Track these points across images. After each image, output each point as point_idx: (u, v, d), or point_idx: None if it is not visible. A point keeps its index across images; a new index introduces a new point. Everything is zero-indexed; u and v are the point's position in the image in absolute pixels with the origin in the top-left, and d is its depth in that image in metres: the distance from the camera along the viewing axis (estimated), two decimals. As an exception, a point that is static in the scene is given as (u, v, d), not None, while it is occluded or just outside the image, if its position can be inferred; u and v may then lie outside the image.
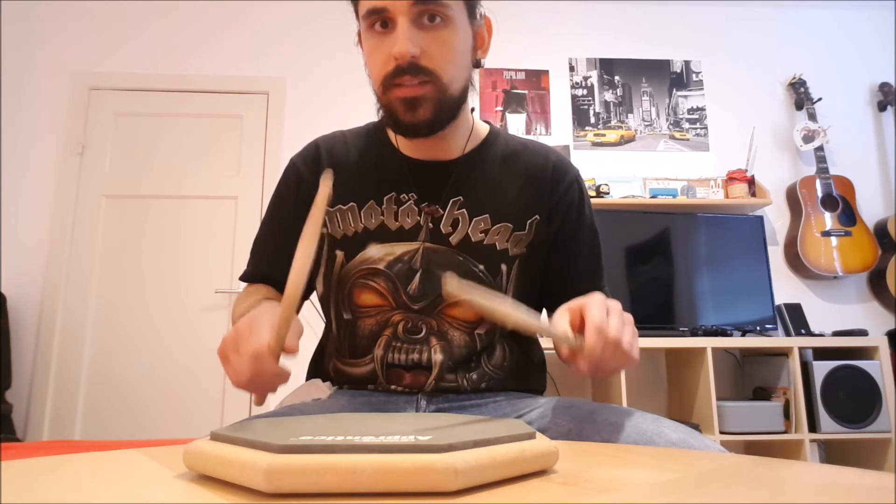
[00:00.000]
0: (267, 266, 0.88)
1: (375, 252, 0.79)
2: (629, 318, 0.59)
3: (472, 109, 0.84)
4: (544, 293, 0.86)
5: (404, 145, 0.83)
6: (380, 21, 0.72)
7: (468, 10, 0.76)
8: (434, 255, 0.79)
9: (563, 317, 0.57)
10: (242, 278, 0.89)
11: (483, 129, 0.87)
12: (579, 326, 0.56)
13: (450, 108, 0.76)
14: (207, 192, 2.70)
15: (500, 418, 0.48)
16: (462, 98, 0.77)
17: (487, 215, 0.80)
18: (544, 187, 0.83)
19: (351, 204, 0.81)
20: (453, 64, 0.74)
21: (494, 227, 0.80)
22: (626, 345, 0.55)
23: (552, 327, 0.56)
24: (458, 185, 0.81)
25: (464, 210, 0.80)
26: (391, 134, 0.84)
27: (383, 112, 0.77)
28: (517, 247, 0.81)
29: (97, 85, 2.75)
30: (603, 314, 0.55)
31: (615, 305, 0.58)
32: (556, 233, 0.84)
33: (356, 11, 0.77)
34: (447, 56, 0.73)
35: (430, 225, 0.79)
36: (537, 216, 0.82)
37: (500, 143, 0.86)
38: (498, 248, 0.80)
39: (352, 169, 0.84)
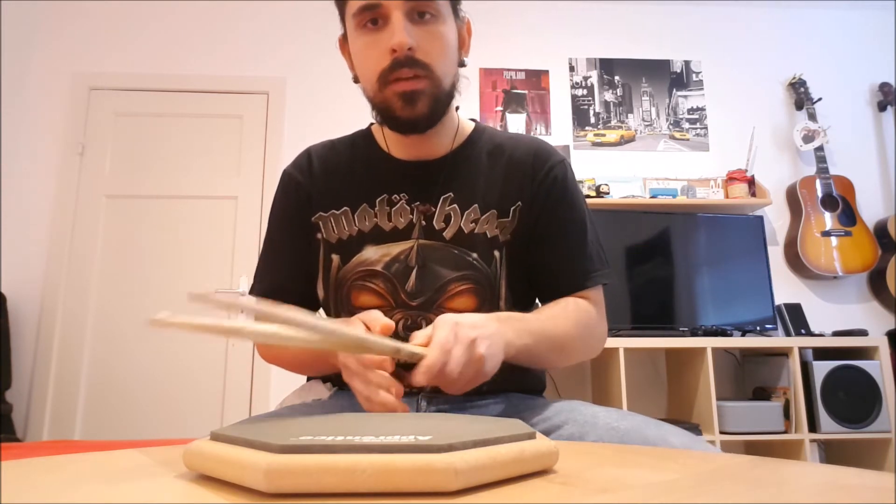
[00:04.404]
0: (281, 278, 0.86)
1: (372, 254, 0.80)
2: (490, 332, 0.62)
3: (457, 108, 0.85)
4: (532, 280, 0.85)
5: (393, 148, 0.84)
6: (371, 18, 0.74)
7: (453, 9, 0.79)
8: (429, 251, 0.79)
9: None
10: (257, 294, 0.85)
11: (468, 127, 0.88)
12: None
13: (443, 103, 0.78)
14: (207, 193, 2.69)
15: (501, 418, 0.48)
16: (451, 94, 0.79)
17: (476, 205, 0.81)
18: (526, 174, 0.83)
19: (344, 208, 0.82)
20: (445, 57, 0.76)
21: (483, 216, 0.81)
22: (453, 373, 0.58)
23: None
24: (448, 181, 0.82)
25: (455, 205, 0.81)
26: (379, 138, 0.86)
27: (378, 111, 0.78)
28: (503, 234, 0.81)
29: (97, 85, 2.75)
30: (450, 337, 0.58)
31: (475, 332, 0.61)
32: (538, 217, 0.83)
33: (342, 14, 0.79)
34: (440, 50, 0.75)
35: (423, 222, 0.80)
36: (520, 202, 0.82)
37: (486, 138, 0.87)
38: (489, 235, 0.81)
39: (343, 174, 0.85)
